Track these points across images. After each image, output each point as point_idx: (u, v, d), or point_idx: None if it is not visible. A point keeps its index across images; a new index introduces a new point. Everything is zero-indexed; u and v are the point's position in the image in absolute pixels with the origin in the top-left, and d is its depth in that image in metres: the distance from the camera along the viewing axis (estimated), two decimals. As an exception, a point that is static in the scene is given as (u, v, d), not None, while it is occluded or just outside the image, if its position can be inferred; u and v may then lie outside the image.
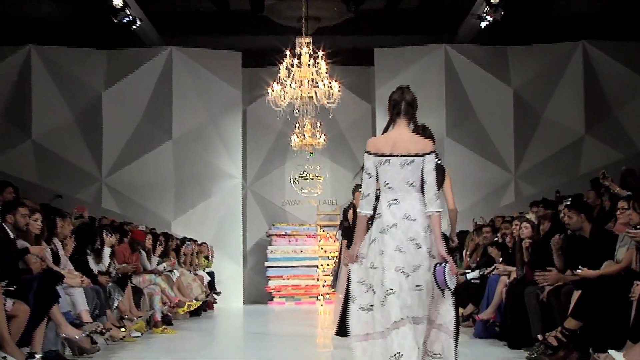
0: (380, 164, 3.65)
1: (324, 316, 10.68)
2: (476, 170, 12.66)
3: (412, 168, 3.62)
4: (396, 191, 3.63)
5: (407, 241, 3.55)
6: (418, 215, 3.60)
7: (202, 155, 12.84)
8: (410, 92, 3.75)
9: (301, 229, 13.36)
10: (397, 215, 3.60)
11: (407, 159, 3.63)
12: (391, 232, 3.56)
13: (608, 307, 4.51)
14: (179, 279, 9.40)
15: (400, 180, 3.63)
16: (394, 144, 3.65)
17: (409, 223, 3.58)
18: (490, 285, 7.09)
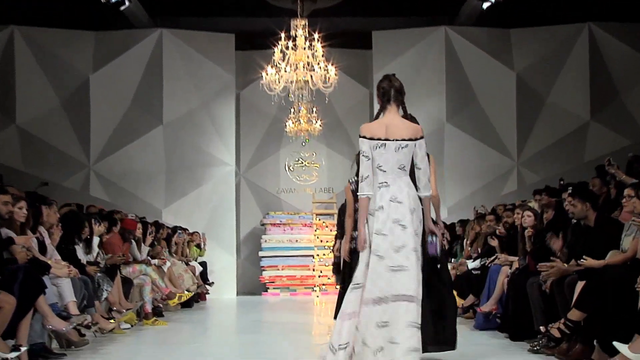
0: (376, 147, 4.00)
1: (320, 307, 10.68)
2: (477, 157, 12.67)
3: (405, 152, 4.02)
4: (387, 174, 4.00)
5: (392, 223, 3.92)
6: (405, 198, 3.96)
7: (193, 142, 12.81)
8: (398, 80, 4.22)
9: (296, 218, 13.38)
10: (385, 197, 3.96)
11: (401, 143, 4.01)
12: (377, 214, 3.94)
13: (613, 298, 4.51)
14: (170, 270, 9.40)
15: (394, 164, 4.01)
16: (387, 128, 4.02)
17: (395, 205, 3.95)
18: (491, 275, 7.09)
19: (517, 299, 6.10)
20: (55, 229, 6.13)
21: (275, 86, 10.15)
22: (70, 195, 10.96)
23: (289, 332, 7.23)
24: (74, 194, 11.67)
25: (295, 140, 13.12)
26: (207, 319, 9.29)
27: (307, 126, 12.25)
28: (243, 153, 13.74)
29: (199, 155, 12.82)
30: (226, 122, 13.01)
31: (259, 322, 8.76)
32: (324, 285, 12.76)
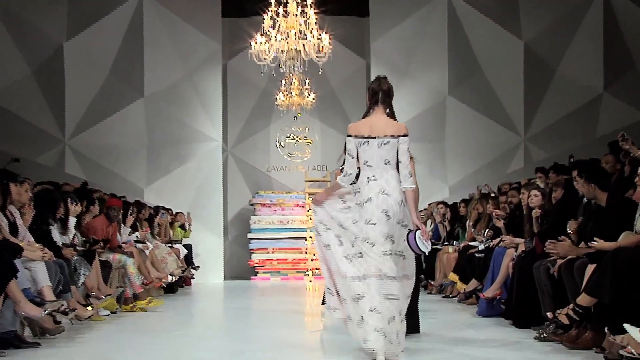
0: (360, 144, 4.64)
1: (313, 292, 10.72)
2: (481, 132, 12.68)
3: (388, 148, 4.60)
4: (374, 169, 4.61)
5: (380, 213, 4.52)
6: (392, 190, 4.57)
7: (177, 116, 12.77)
8: (387, 82, 4.78)
9: (288, 197, 13.40)
10: (373, 189, 4.57)
11: (383, 140, 4.60)
12: (365, 206, 4.56)
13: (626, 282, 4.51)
14: (152, 253, 9.39)
15: (378, 159, 4.60)
16: (372, 127, 4.64)
17: (383, 197, 4.55)
18: (495, 258, 7.10)
19: (523, 283, 6.10)
20: (27, 208, 6.06)
21: (264, 56, 10.07)
22: (44, 173, 10.90)
23: (279, 318, 7.24)
24: (48, 171, 11.63)
25: (286, 115, 13.11)
26: (192, 305, 9.31)
27: (299, 99, 12.23)
28: (230, 128, 13.73)
29: (183, 130, 12.79)
30: (212, 95, 12.96)
31: (248, 308, 8.76)
32: (317, 270, 12.78)
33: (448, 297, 8.94)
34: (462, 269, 8.20)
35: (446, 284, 8.95)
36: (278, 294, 10.59)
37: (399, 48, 12.77)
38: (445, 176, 12.86)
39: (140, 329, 6.66)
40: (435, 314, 7.51)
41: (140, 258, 8.66)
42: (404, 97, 12.79)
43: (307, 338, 6.23)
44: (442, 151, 12.89)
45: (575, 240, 5.59)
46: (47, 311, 5.37)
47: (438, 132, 12.86)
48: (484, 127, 12.71)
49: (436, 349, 5.26)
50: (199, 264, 11.57)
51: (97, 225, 7.67)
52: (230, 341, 5.85)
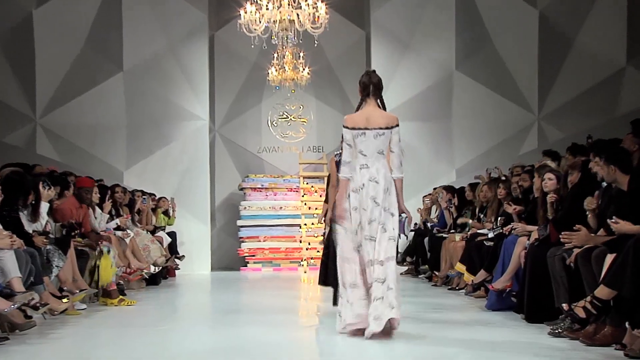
0: (357, 136, 5.50)
1: (308, 284, 10.72)
2: (491, 110, 12.67)
3: (382, 139, 5.50)
4: (368, 158, 5.50)
5: (369, 199, 5.45)
6: (381, 179, 5.48)
7: (159, 92, 12.73)
8: (376, 75, 5.67)
9: (281, 181, 13.41)
10: (365, 176, 5.48)
11: (379, 131, 5.48)
12: (362, 192, 5.46)
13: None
14: (133, 241, 9.39)
15: (373, 149, 5.49)
16: (367, 119, 5.49)
17: (373, 184, 5.47)
18: (506, 247, 7.10)
19: (536, 274, 6.10)
20: (-6, 193, 6.02)
21: (255, 27, 9.99)
22: (13, 154, 10.87)
23: (272, 312, 7.25)
24: (17, 152, 11.58)
25: (279, 91, 13.06)
26: (176, 298, 9.31)
27: (293, 74, 12.20)
28: (218, 105, 13.70)
29: (166, 107, 12.76)
30: (198, 69, 12.91)
31: (238, 301, 8.78)
32: (312, 260, 12.79)
33: (454, 290, 8.96)
34: (469, 259, 8.22)
35: (452, 275, 8.97)
36: (270, 286, 10.59)
37: (401, 18, 12.71)
38: (451, 158, 12.85)
39: (120, 323, 6.65)
40: (441, 307, 7.52)
41: (120, 247, 8.64)
42: (407, 72, 12.75)
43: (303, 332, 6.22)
44: (449, 131, 12.87)
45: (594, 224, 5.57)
46: (17, 305, 5.36)
47: (444, 110, 12.83)
48: (495, 105, 12.70)
49: (441, 346, 5.26)
50: (183, 254, 11.57)
51: (65, 208, 7.60)
52: (218, 337, 5.85)
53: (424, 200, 11.81)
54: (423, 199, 11.88)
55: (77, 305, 7.05)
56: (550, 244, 6.02)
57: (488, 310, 7.04)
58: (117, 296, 7.71)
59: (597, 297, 4.88)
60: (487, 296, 7.31)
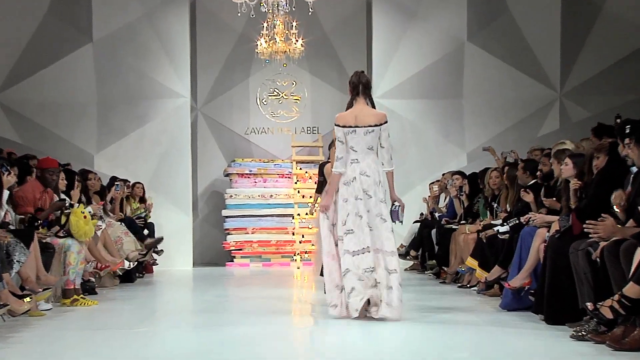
0: (348, 133, 6.53)
1: (302, 281, 10.71)
2: (507, 86, 12.69)
3: (372, 136, 6.53)
4: (358, 153, 6.53)
5: (362, 192, 6.46)
6: (372, 172, 6.50)
7: (134, 65, 12.71)
8: (365, 76, 6.72)
9: (271, 166, 13.41)
10: (356, 171, 6.50)
11: (368, 129, 6.51)
12: (352, 185, 6.48)
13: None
14: (105, 233, 9.37)
15: (363, 145, 6.52)
16: (357, 117, 6.54)
17: (364, 178, 6.48)
18: (523, 241, 7.09)
19: (557, 270, 6.08)
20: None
21: (242, -9, 9.89)
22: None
23: (261, 313, 7.24)
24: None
25: (269, 65, 12.99)
26: (154, 297, 9.31)
27: (285, 46, 12.16)
28: (201, 81, 13.68)
29: (142, 83, 12.72)
30: (177, 40, 12.90)
31: (223, 300, 8.80)
32: (307, 254, 12.78)
33: (465, 287, 8.97)
34: (482, 253, 8.23)
35: (463, 271, 8.98)
36: (259, 283, 10.59)
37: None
38: (462, 140, 12.84)
39: (90, 325, 6.63)
40: (450, 308, 7.53)
41: (91, 240, 8.59)
42: (413, 43, 12.70)
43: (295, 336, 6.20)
44: (459, 110, 12.85)
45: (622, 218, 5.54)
46: (-27, 305, 5.29)
47: (454, 87, 12.80)
48: (511, 80, 12.68)
49: (450, 350, 5.25)
50: (162, 248, 11.51)
51: (27, 193, 7.54)
52: (201, 340, 5.83)
53: (431, 188, 11.81)
54: (430, 186, 11.87)
55: (41, 306, 7.02)
56: (573, 236, 5.99)
57: (503, 310, 7.04)
58: (71, 295, 7.64)
59: (625, 296, 4.86)
60: (502, 295, 7.31)
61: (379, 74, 12.70)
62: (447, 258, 9.75)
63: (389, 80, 12.74)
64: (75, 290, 7.76)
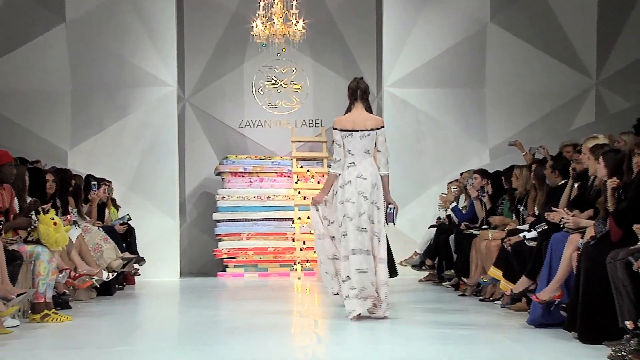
0: (345, 136, 7.58)
1: (303, 294, 10.70)
2: (536, 73, 12.71)
3: (368, 140, 7.56)
4: (355, 157, 7.56)
5: (357, 194, 7.48)
6: (368, 175, 7.51)
7: (113, 49, 12.74)
8: (364, 82, 7.76)
9: (268, 164, 13.44)
10: (352, 174, 7.52)
11: (364, 132, 7.55)
12: (346, 187, 7.51)
13: None
14: (81, 240, 9.36)
15: (359, 149, 7.56)
16: (354, 121, 7.59)
17: (360, 181, 7.49)
18: (553, 248, 7.06)
19: (592, 282, 6.07)
20: None
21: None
22: None
23: (256, 330, 7.24)
24: None
25: (266, 50, 12.97)
26: (136, 312, 9.30)
27: (284, 28, 12.13)
28: (189, 67, 13.74)
29: (122, 69, 12.74)
30: (162, 21, 12.89)
31: (214, 316, 8.78)
32: (309, 262, 12.75)
33: (488, 301, 8.98)
34: (507, 262, 8.21)
35: (485, 282, 8.96)
36: (255, 295, 10.60)
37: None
38: (484, 135, 12.82)
39: (64, 344, 6.61)
40: (471, 324, 7.52)
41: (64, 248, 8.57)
42: (429, 25, 12.68)
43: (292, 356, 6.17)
44: (481, 100, 12.84)
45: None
46: None
47: (475, 74, 12.80)
48: (540, 66, 12.67)
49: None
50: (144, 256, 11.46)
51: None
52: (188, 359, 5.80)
53: (449, 188, 11.77)
54: (448, 186, 11.83)
55: (6, 322, 7.00)
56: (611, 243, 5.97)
57: (531, 326, 7.03)
58: (41, 310, 7.59)
59: (671, 312, 4.82)
60: (530, 309, 7.31)
61: (390, 60, 12.67)
62: (467, 268, 9.75)
63: (401, 66, 12.71)
64: (46, 304, 7.72)
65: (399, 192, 11.72)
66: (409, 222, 12.26)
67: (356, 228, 7.44)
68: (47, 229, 7.63)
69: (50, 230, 7.69)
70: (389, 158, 7.71)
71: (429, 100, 12.83)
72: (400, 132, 12.59)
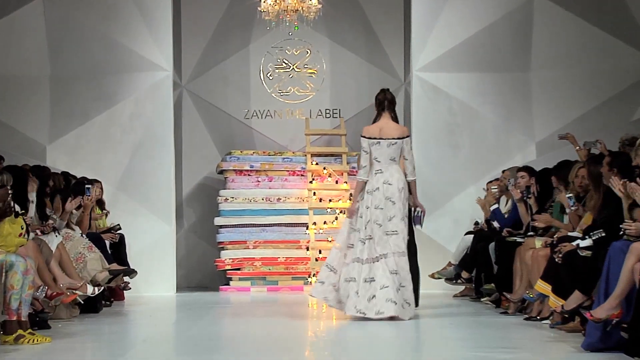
0: (373, 144, 9.17)
1: (319, 310, 10.72)
2: (592, 54, 12.69)
3: (394, 148, 9.18)
4: (382, 164, 9.17)
5: (385, 199, 9.06)
6: (395, 181, 9.10)
7: (99, 29, 12.73)
8: (390, 93, 9.45)
9: (279, 161, 13.45)
10: (379, 180, 9.12)
11: (391, 141, 9.15)
12: (374, 194, 9.09)
13: None
14: (61, 248, 9.36)
15: (386, 157, 9.16)
16: (381, 130, 9.20)
17: (387, 187, 9.08)
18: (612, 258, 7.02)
19: (659, 298, 5.99)
20: None
21: None
22: None
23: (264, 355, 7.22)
24: None
25: (276, 28, 12.95)
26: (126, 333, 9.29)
27: (297, 3, 12.06)
28: (186, 50, 13.77)
29: (110, 52, 12.76)
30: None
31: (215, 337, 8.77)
32: (325, 275, 12.70)
33: (534, 320, 8.93)
34: (557, 275, 8.18)
35: (531, 298, 8.94)
36: (263, 313, 10.59)
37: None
38: (530, 127, 12.79)
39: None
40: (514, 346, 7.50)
41: (41, 256, 8.55)
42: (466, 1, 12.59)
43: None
44: (526, 86, 12.80)
45: None
46: None
47: (519, 55, 12.79)
48: (596, 46, 12.63)
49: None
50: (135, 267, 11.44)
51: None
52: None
53: (489, 189, 11.70)
54: (488, 187, 11.77)
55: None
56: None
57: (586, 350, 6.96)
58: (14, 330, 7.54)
59: None
60: (585, 330, 7.27)
61: (419, 40, 12.64)
62: (510, 281, 9.72)
63: (432, 47, 12.68)
64: (21, 324, 7.69)
65: (430, 193, 11.70)
66: (441, 228, 12.23)
67: (384, 233, 9.02)
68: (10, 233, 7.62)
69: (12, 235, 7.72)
70: (415, 164, 9.41)
71: (464, 86, 12.78)
72: (431, 123, 12.55)
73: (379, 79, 13.44)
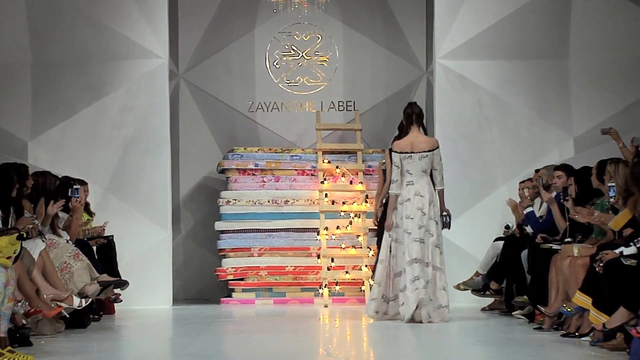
0: (404, 158, 10.41)
1: (332, 325, 10.79)
2: (633, 37, 12.66)
3: (426, 161, 10.41)
4: (413, 176, 10.42)
5: (416, 210, 10.36)
6: (425, 193, 10.38)
7: (86, 12, 12.83)
8: (418, 106, 10.66)
9: (286, 158, 13.50)
10: (411, 192, 10.40)
11: (422, 154, 10.39)
12: (406, 204, 10.41)
13: None
14: (45, 256, 9.41)
15: (418, 169, 10.41)
16: (412, 144, 10.43)
17: (418, 198, 10.37)
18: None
19: None
20: None
21: None
22: None
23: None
24: None
25: (282, 11, 13.03)
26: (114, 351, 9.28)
27: (306, -17, 12.14)
28: (184, 36, 13.89)
29: (99, 38, 12.83)
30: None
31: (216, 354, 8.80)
32: (338, 285, 12.69)
33: (572, 336, 8.91)
34: (597, 287, 8.16)
35: (569, 312, 8.93)
36: (269, 328, 10.65)
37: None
38: (568, 120, 12.78)
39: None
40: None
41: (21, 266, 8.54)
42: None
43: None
44: (564, 75, 12.81)
45: None
46: None
47: (556, 41, 12.80)
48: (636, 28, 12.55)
49: None
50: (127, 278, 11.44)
51: None
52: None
53: (521, 189, 11.66)
54: (520, 187, 11.71)
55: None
56: None
57: (631, 369, 6.99)
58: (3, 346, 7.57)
59: None
60: (630, 348, 7.28)
61: (443, 24, 12.65)
62: (545, 293, 9.70)
63: (457, 33, 12.69)
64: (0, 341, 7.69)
65: (455, 195, 11.68)
66: (467, 233, 12.23)
67: (413, 240, 10.22)
68: None
69: None
70: (444, 174, 10.52)
71: (493, 75, 12.77)
72: (456, 117, 12.56)
73: (398, 68, 13.45)
